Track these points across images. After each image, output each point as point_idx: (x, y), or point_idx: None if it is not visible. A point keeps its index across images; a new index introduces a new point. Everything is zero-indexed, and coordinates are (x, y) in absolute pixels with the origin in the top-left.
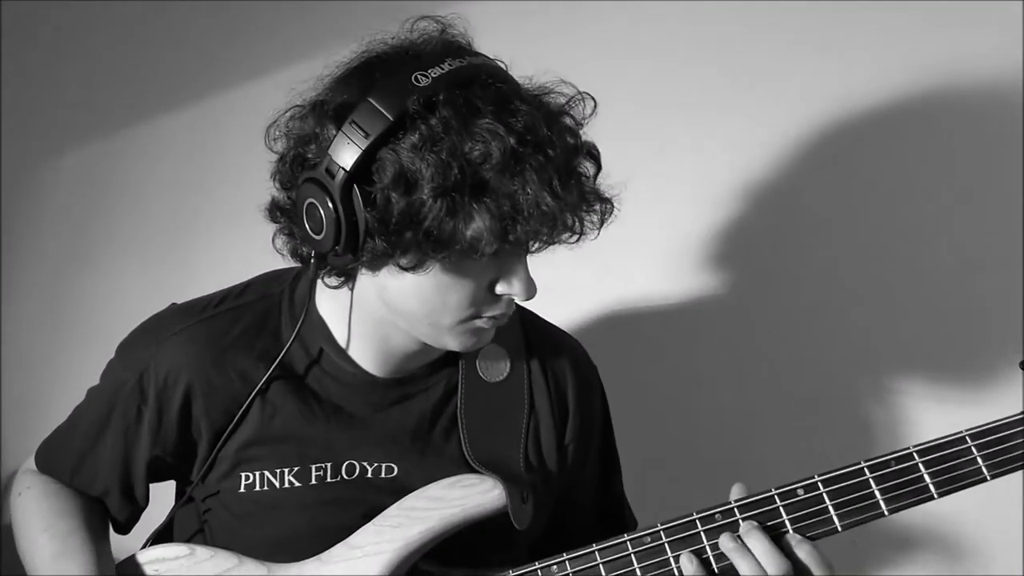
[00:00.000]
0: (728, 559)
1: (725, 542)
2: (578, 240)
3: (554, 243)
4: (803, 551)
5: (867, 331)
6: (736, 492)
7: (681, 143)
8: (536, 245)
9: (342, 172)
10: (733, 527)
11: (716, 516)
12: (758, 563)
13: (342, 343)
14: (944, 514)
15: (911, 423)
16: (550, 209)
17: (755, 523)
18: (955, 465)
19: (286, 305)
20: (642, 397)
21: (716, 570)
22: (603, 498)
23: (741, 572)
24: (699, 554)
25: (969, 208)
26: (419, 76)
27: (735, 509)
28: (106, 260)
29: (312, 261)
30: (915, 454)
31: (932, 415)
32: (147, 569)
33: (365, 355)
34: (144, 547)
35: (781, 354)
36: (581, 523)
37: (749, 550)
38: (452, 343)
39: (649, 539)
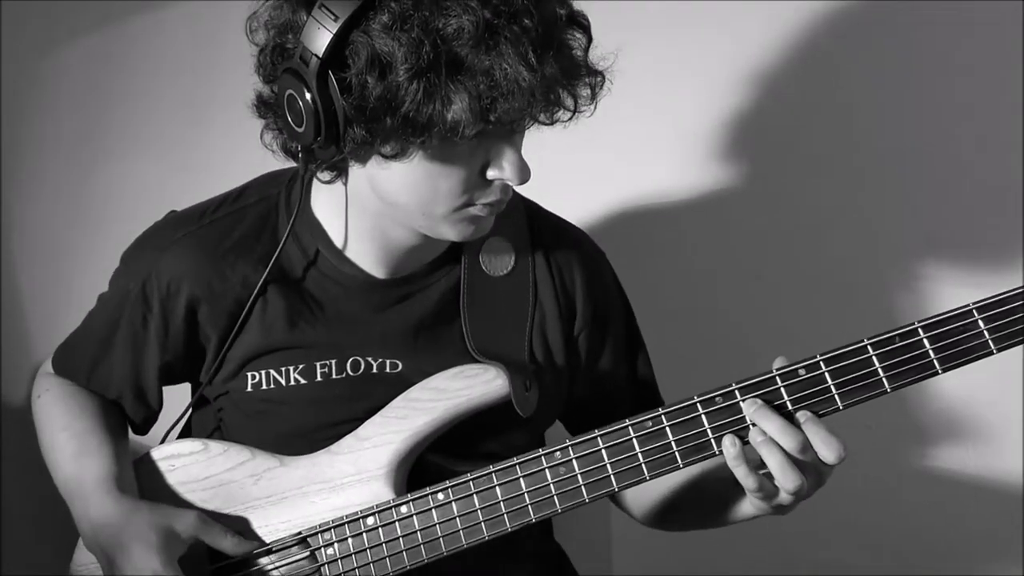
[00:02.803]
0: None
1: (754, 436)
2: (572, 117)
3: (546, 122)
4: (811, 431)
5: (890, 216)
6: (779, 363)
7: (692, 28)
8: (528, 122)
9: (315, 59)
10: (734, 409)
11: (716, 399)
12: (784, 454)
13: (339, 244)
14: (954, 398)
15: (938, 308)
16: (528, 84)
17: (759, 401)
18: (961, 339)
19: (283, 206)
20: (656, 293)
21: (717, 451)
22: (633, 377)
23: (770, 466)
24: (701, 436)
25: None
26: None
27: (736, 391)
28: (115, 155)
29: (300, 155)
30: (920, 329)
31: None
32: (162, 465)
33: (364, 255)
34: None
35: (800, 244)
36: (618, 408)
37: (776, 443)
38: (449, 233)
39: (650, 423)
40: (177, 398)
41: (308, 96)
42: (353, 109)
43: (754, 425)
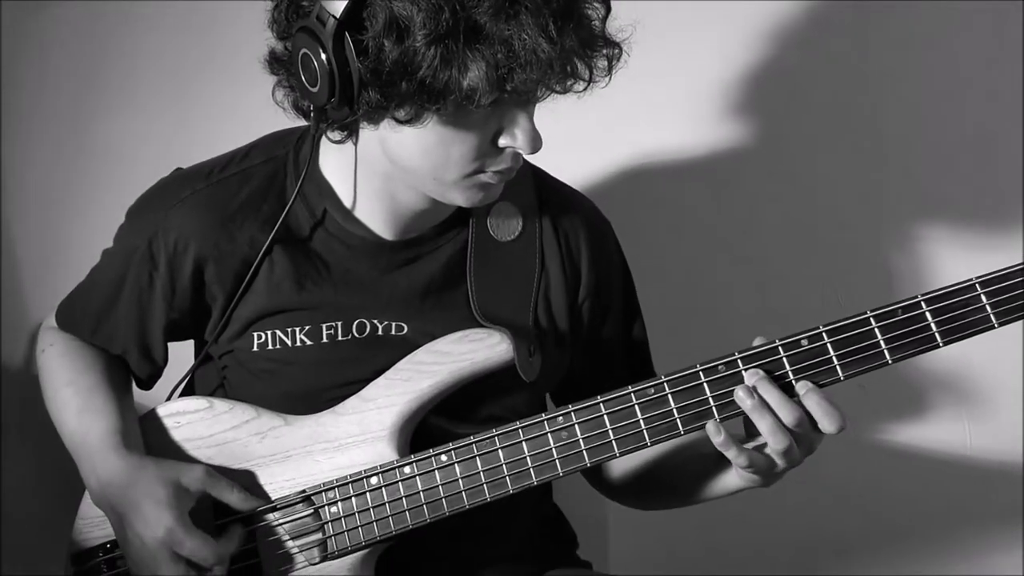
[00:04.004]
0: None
1: (744, 399)
2: (587, 88)
3: (560, 91)
4: (812, 401)
5: (891, 177)
6: (759, 343)
7: None
8: (542, 92)
9: (332, 20)
10: (736, 378)
11: (719, 367)
12: (776, 417)
13: (347, 204)
14: (952, 361)
15: (936, 271)
16: (547, 55)
17: (761, 372)
18: (963, 313)
19: (291, 166)
20: (660, 251)
21: (715, 411)
22: (626, 347)
23: (760, 429)
24: (702, 404)
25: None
26: None
27: (738, 360)
28: (114, 112)
29: (312, 115)
30: (923, 302)
31: (959, 262)
32: (167, 422)
33: (372, 216)
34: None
35: (803, 204)
36: (609, 377)
37: (769, 407)
38: (459, 198)
39: (652, 390)
40: (181, 355)
41: (323, 57)
42: (369, 72)
43: (754, 391)
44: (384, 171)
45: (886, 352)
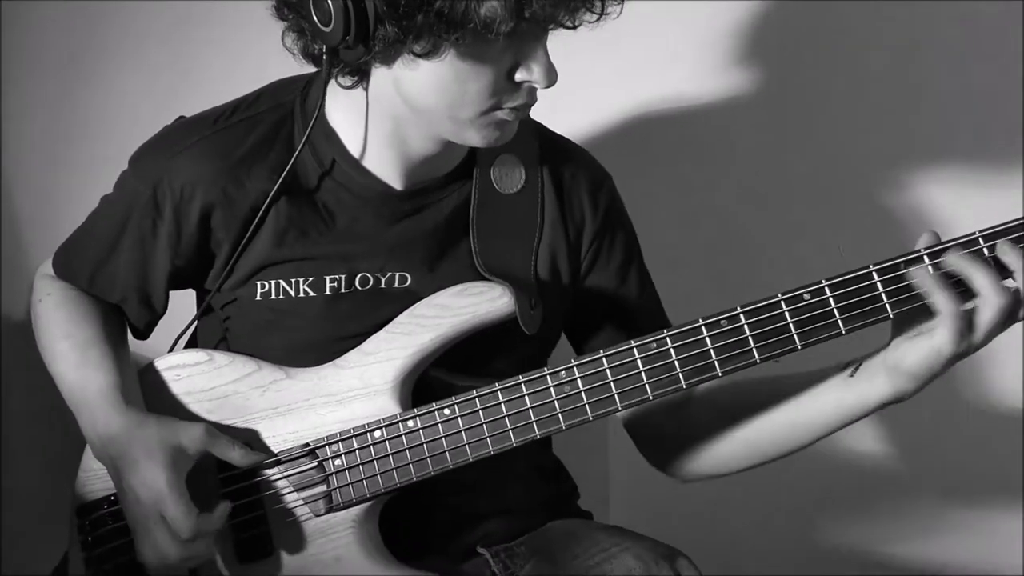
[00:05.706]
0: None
1: (952, 260)
2: (599, 19)
3: (572, 24)
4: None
5: (892, 124)
6: (925, 240)
7: None
8: (553, 24)
9: None
10: (738, 331)
11: (722, 322)
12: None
13: (356, 154)
14: None
15: (938, 217)
16: None
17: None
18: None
19: (298, 113)
20: (662, 202)
21: (720, 372)
22: (637, 300)
23: (977, 285)
24: (704, 357)
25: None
26: None
27: (741, 315)
28: (113, 61)
29: (324, 58)
30: (925, 256)
31: (960, 208)
32: (166, 375)
33: (382, 164)
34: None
35: (807, 154)
36: (623, 331)
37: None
38: (475, 138)
39: (655, 345)
40: (181, 308)
41: None
42: (385, 5)
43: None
44: (396, 114)
45: (888, 306)
